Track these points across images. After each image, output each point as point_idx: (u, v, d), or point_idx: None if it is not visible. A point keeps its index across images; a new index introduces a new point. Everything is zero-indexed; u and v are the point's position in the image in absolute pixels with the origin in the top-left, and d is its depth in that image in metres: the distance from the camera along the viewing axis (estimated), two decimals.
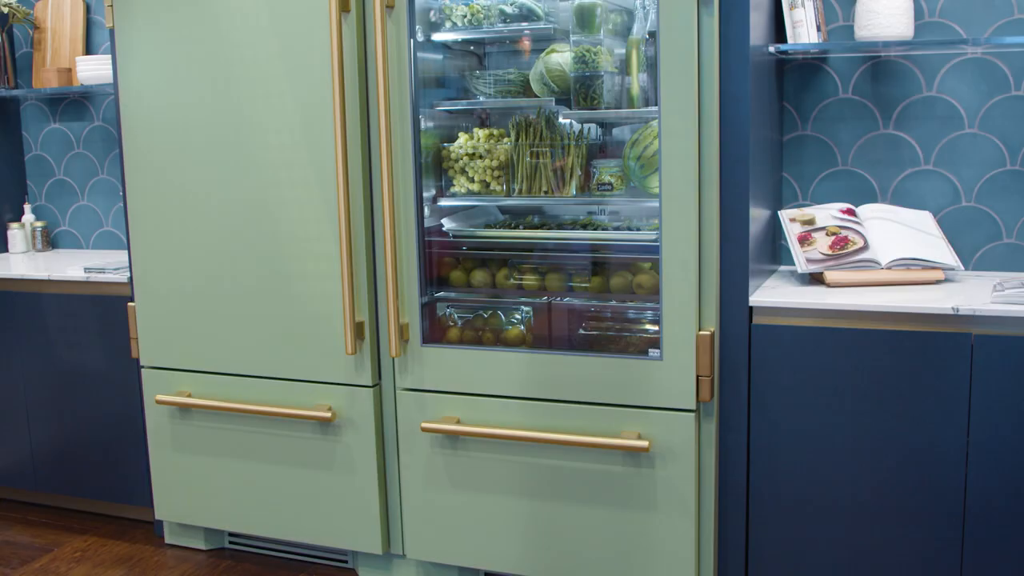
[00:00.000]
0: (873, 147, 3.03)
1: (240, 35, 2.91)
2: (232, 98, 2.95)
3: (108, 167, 4.07)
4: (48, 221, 4.21)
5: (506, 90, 2.96)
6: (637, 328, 2.92)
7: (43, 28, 4.03)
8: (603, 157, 2.94)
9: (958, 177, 2.97)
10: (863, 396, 2.53)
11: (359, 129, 2.80)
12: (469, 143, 2.97)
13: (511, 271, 3.01)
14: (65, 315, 3.49)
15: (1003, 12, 2.87)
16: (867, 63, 3.01)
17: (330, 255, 2.87)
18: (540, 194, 2.90)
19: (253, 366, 3.05)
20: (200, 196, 3.03)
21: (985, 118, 2.92)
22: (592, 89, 2.80)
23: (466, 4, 2.90)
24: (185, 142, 3.03)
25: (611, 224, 2.98)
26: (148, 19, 3.02)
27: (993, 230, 2.95)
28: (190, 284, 3.09)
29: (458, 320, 3.06)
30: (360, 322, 2.87)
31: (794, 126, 3.09)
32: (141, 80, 3.07)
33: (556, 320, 2.98)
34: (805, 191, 3.11)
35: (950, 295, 2.59)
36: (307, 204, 2.89)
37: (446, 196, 3.01)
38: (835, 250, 2.78)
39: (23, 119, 4.22)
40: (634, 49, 2.78)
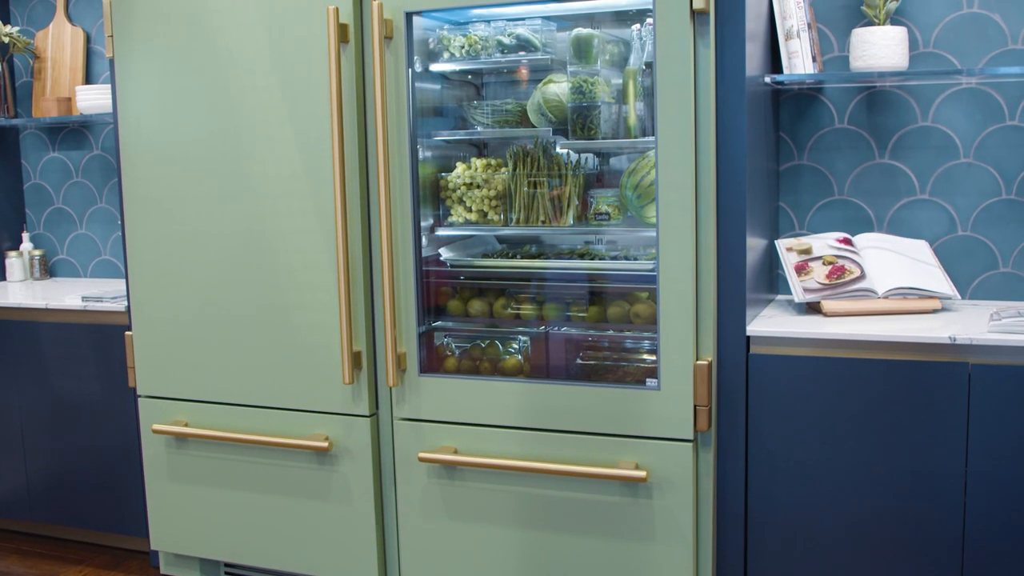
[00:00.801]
0: (869, 177, 3.04)
1: (239, 65, 2.92)
2: (231, 128, 2.96)
3: (107, 196, 4.08)
4: (46, 249, 4.21)
5: (504, 120, 2.98)
6: (634, 358, 2.92)
7: (43, 58, 4.05)
8: (600, 187, 2.95)
9: (954, 206, 2.98)
10: (861, 425, 2.53)
11: (357, 159, 2.81)
12: (467, 173, 2.98)
13: (508, 300, 3.01)
14: (62, 344, 3.48)
15: (997, 43, 2.89)
16: (862, 93, 3.02)
17: (328, 285, 2.87)
18: (538, 224, 2.91)
19: (250, 395, 3.04)
20: (198, 225, 3.04)
21: (980, 148, 2.94)
22: (589, 119, 2.81)
23: (464, 35, 2.92)
24: (184, 171, 3.04)
25: (608, 253, 2.98)
26: (148, 49, 3.04)
27: (989, 259, 2.96)
28: (188, 313, 3.09)
29: (455, 350, 3.06)
30: (357, 352, 2.87)
31: (790, 156, 3.10)
32: (140, 110, 3.08)
33: (553, 350, 2.98)
34: (802, 220, 3.11)
35: (947, 324, 2.59)
36: (305, 234, 2.89)
37: (444, 226, 3.02)
38: (832, 279, 2.79)
39: (22, 148, 4.23)
40: (631, 80, 2.79)
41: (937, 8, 2.93)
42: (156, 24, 3.01)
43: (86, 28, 4.01)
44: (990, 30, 2.89)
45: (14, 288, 3.93)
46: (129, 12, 3.05)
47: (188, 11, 2.97)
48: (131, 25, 3.05)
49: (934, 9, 2.93)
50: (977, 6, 2.90)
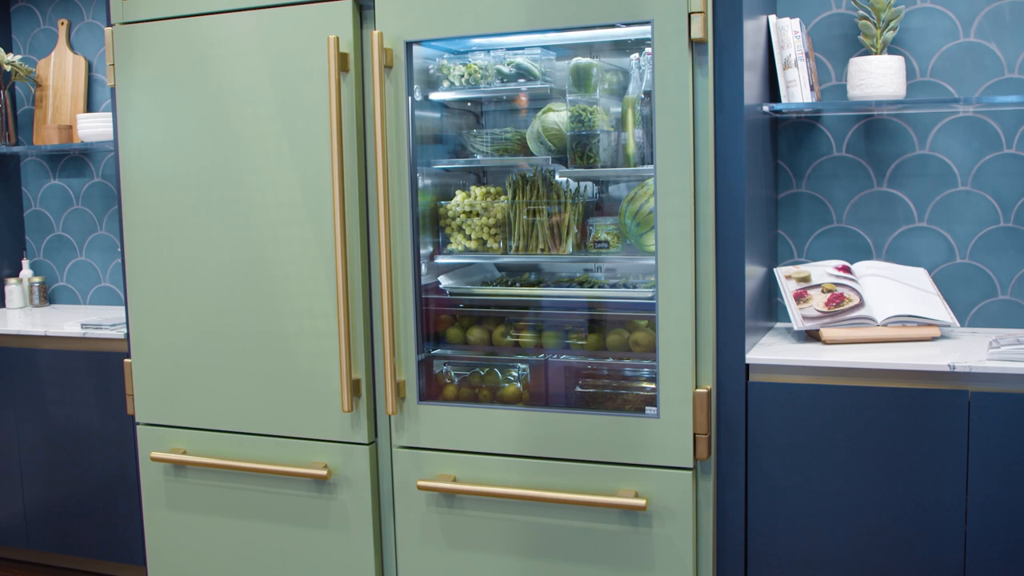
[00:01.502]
0: (867, 204, 3.05)
1: (240, 93, 2.94)
2: (231, 155, 2.97)
3: (107, 223, 4.09)
4: (46, 276, 4.22)
5: (503, 148, 2.99)
6: (634, 386, 2.92)
7: (45, 86, 4.07)
8: (599, 215, 2.96)
9: (952, 234, 2.98)
10: (861, 454, 2.53)
11: (357, 187, 2.82)
12: (466, 201, 2.99)
13: (508, 328, 3.01)
14: (61, 371, 3.48)
15: (993, 72, 2.91)
16: (860, 122, 3.04)
17: (327, 313, 2.87)
18: (537, 252, 2.92)
19: (249, 423, 3.04)
20: (198, 253, 3.04)
21: (978, 175, 2.95)
22: (588, 148, 2.82)
23: (464, 64, 2.93)
24: (184, 199, 3.04)
25: (607, 281, 2.99)
26: (149, 78, 3.05)
27: (988, 287, 2.97)
28: (187, 341, 3.09)
29: (455, 377, 3.06)
30: (356, 379, 2.87)
31: (789, 184, 3.11)
32: (141, 137, 3.09)
33: (553, 378, 2.98)
34: (800, 248, 3.12)
35: (946, 352, 2.60)
36: (304, 262, 2.90)
37: (443, 253, 3.02)
38: (831, 307, 2.79)
39: (23, 175, 4.24)
40: (630, 108, 2.81)
41: (934, 37, 2.95)
42: (157, 53, 3.03)
43: (88, 57, 4.04)
44: (987, 59, 2.91)
45: (13, 315, 3.93)
46: (131, 41, 3.06)
47: (189, 40, 2.98)
48: (133, 54, 3.06)
49: (931, 38, 2.95)
50: (974, 35, 2.92)
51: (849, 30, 3.00)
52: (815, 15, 3.05)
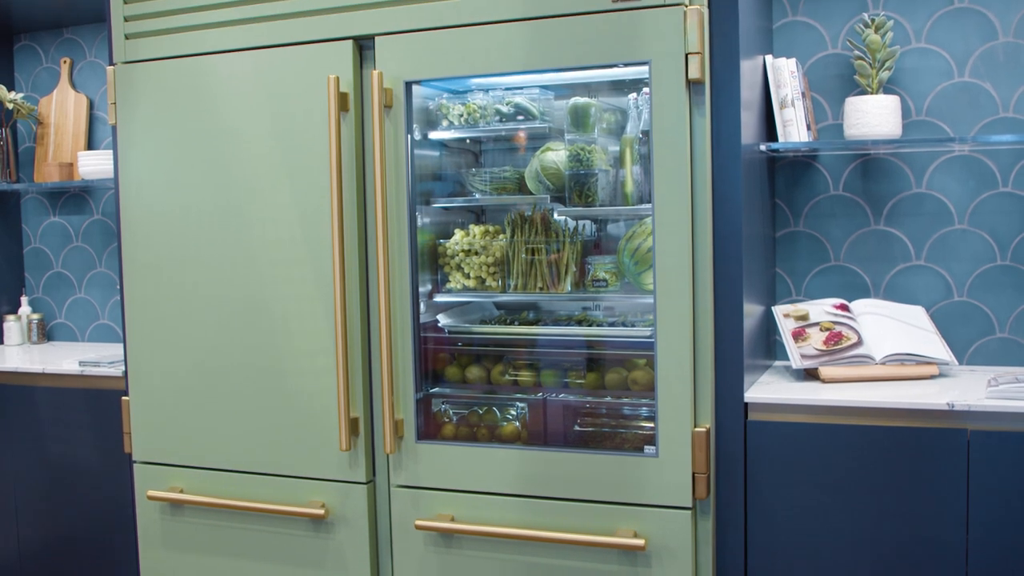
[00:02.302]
0: (865, 243, 3.06)
1: (240, 132, 2.95)
2: (231, 194, 2.98)
3: (106, 260, 4.10)
4: (44, 313, 4.22)
5: (502, 187, 3.00)
6: (633, 424, 2.92)
7: (46, 123, 4.09)
8: (598, 253, 2.97)
9: (949, 272, 2.99)
10: (860, 493, 2.52)
11: (356, 225, 2.83)
12: (465, 239, 3.00)
13: (506, 367, 3.01)
14: (58, 409, 3.47)
15: (988, 111, 2.93)
16: (857, 160, 3.06)
17: (326, 350, 2.87)
18: (535, 290, 2.92)
19: (246, 462, 3.03)
20: (197, 291, 3.05)
21: (974, 214, 2.96)
22: (587, 187, 2.84)
23: (463, 103, 2.95)
24: (183, 237, 3.05)
25: (606, 320, 2.99)
26: (150, 116, 3.07)
27: (986, 325, 2.97)
28: (185, 378, 3.09)
29: (453, 416, 3.05)
30: (355, 418, 2.86)
31: (786, 222, 3.12)
32: (141, 175, 3.10)
33: (551, 416, 2.98)
34: (798, 287, 3.13)
35: (945, 390, 2.60)
36: (303, 299, 2.90)
37: (442, 292, 3.03)
38: (829, 346, 2.79)
39: (23, 212, 4.26)
40: (628, 148, 2.82)
41: (929, 77, 2.97)
42: (158, 92, 3.05)
43: (89, 95, 4.06)
44: (981, 99, 2.93)
45: (11, 352, 3.92)
46: (132, 80, 3.09)
47: (190, 79, 3.01)
48: (134, 93, 3.09)
49: (926, 78, 2.97)
50: (968, 75, 2.94)
51: (845, 70, 3.03)
52: (811, 55, 3.08)
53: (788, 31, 3.09)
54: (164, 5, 3.03)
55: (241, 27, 2.94)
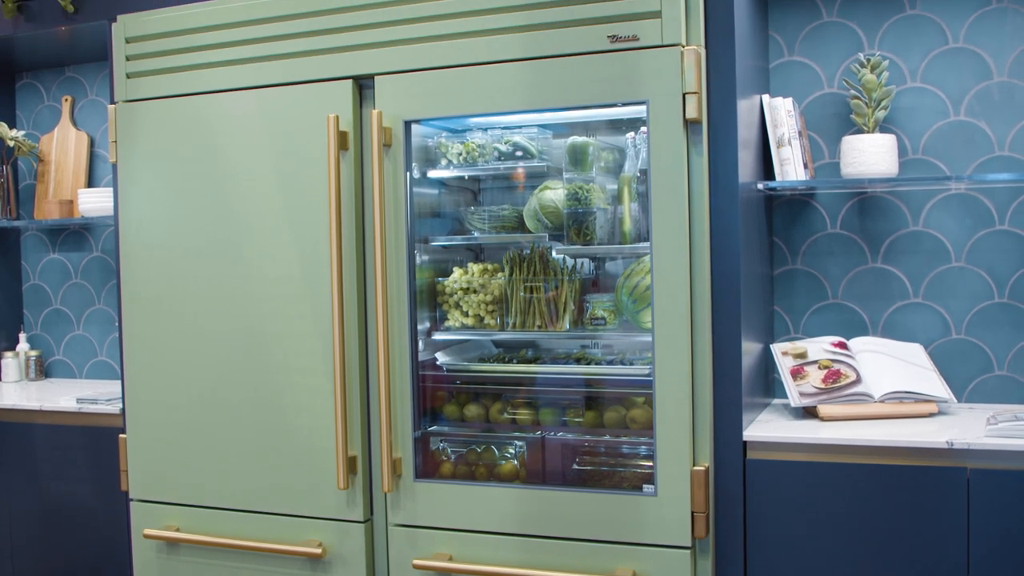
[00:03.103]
0: (862, 281, 3.07)
1: (240, 170, 2.97)
2: (230, 231, 2.99)
3: (105, 297, 4.10)
4: (42, 350, 4.21)
5: (500, 226, 3.01)
6: (631, 463, 2.91)
7: (47, 161, 4.11)
8: (596, 291, 2.97)
9: (947, 310, 3.00)
10: (860, 531, 2.51)
11: (355, 263, 2.84)
12: (464, 278, 3.00)
13: (505, 405, 3.01)
14: (55, 446, 3.46)
15: (984, 149, 2.95)
16: (854, 199, 3.07)
17: (324, 388, 2.87)
18: (534, 328, 2.92)
19: (243, 500, 3.01)
20: (195, 328, 3.05)
21: (971, 252, 2.97)
22: (585, 225, 2.85)
23: (462, 142, 2.97)
24: (183, 274, 3.06)
25: (604, 358, 2.99)
26: (150, 154, 3.09)
27: (984, 362, 2.97)
28: (182, 416, 3.08)
29: (451, 454, 3.04)
30: (352, 456, 2.85)
31: (784, 260, 3.13)
32: (141, 213, 3.11)
33: (550, 455, 2.97)
34: (797, 324, 3.13)
35: (944, 428, 2.59)
36: (302, 337, 2.90)
37: (440, 330, 3.03)
38: (828, 384, 2.79)
39: (23, 249, 4.26)
40: (626, 186, 2.84)
41: (925, 116, 2.99)
42: (159, 130, 3.07)
43: (90, 132, 4.08)
44: (977, 137, 2.95)
45: (8, 389, 3.92)
46: (133, 119, 3.11)
47: (191, 118, 3.02)
48: (135, 131, 3.10)
49: (922, 117, 2.99)
50: (964, 114, 2.96)
51: (841, 109, 3.05)
52: (808, 94, 3.10)
53: (785, 71, 3.12)
54: (165, 45, 3.06)
55: (241, 66, 2.96)
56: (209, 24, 3.00)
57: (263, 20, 2.93)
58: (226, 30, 2.98)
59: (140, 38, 3.10)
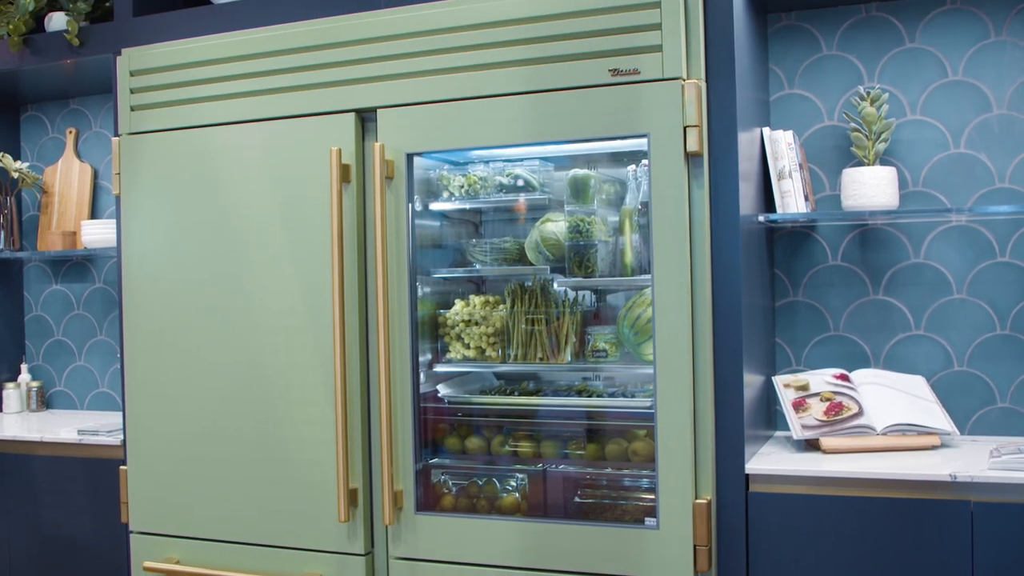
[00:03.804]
0: (864, 313, 3.07)
1: (243, 202, 2.98)
2: (233, 263, 3.00)
3: (107, 329, 4.10)
4: (44, 381, 4.21)
5: (502, 258, 3.02)
6: (633, 496, 2.90)
7: (51, 192, 4.13)
8: (597, 323, 2.97)
9: (949, 342, 2.99)
10: (863, 566, 2.49)
11: (357, 295, 2.84)
12: (465, 310, 3.00)
13: (506, 438, 3.00)
14: (56, 478, 3.45)
15: (984, 182, 2.96)
16: (855, 231, 3.07)
17: (325, 420, 2.87)
18: (535, 360, 2.92)
19: (244, 532, 3.00)
20: (197, 360, 3.05)
21: (973, 284, 2.97)
22: (586, 257, 2.85)
23: (464, 175, 2.98)
24: (185, 306, 3.06)
25: (606, 390, 2.98)
26: (153, 186, 3.10)
27: (987, 395, 2.96)
28: (183, 448, 3.08)
29: (452, 487, 3.03)
30: (353, 489, 2.84)
31: (785, 292, 3.13)
32: (144, 244, 3.12)
33: (551, 488, 2.95)
34: (798, 356, 3.13)
35: (947, 461, 2.58)
36: (304, 369, 2.90)
37: (442, 362, 3.03)
38: (830, 416, 2.78)
39: (26, 280, 4.27)
40: (627, 219, 2.84)
41: (925, 149, 3.00)
42: (162, 162, 3.08)
43: (94, 164, 4.10)
44: (977, 169, 2.96)
45: (9, 420, 3.91)
46: (137, 151, 3.12)
47: (194, 150, 3.04)
48: (138, 163, 3.12)
49: (922, 150, 3.01)
50: (964, 147, 2.97)
51: (842, 141, 3.06)
52: (808, 127, 3.11)
53: (785, 104, 3.13)
54: (169, 78, 3.08)
55: (244, 100, 2.98)
56: (212, 58, 3.02)
57: (266, 54, 2.95)
58: (229, 64, 3.00)
59: (144, 71, 3.12)
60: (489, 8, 2.71)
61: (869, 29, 3.05)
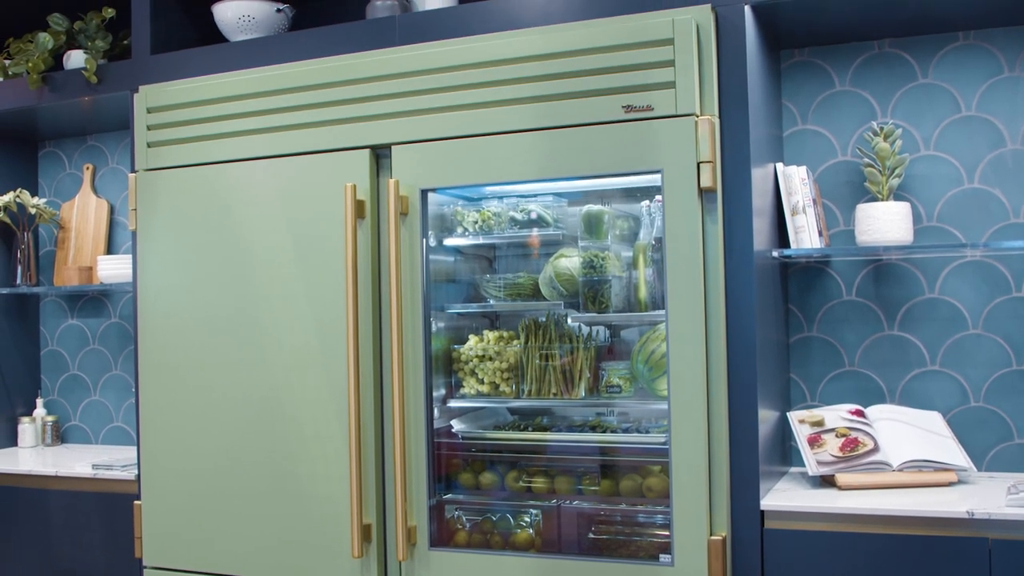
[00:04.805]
0: (879, 348, 3.05)
1: (258, 237, 3.00)
2: (248, 298, 3.01)
3: (122, 363, 4.12)
4: (59, 415, 4.22)
5: (516, 293, 3.02)
6: (648, 532, 2.88)
7: (68, 228, 4.16)
8: (611, 358, 2.97)
9: (965, 377, 2.98)
10: None
11: (371, 331, 2.85)
12: (479, 345, 3.01)
13: (520, 473, 2.99)
14: (70, 512, 3.45)
15: (999, 217, 2.95)
16: (869, 266, 3.07)
17: (339, 455, 2.86)
18: (549, 396, 2.92)
19: (258, 568, 2.99)
20: (212, 394, 3.06)
21: (988, 319, 2.96)
22: (600, 293, 2.86)
23: (477, 210, 3.00)
24: (200, 341, 3.08)
25: (620, 426, 2.98)
26: (169, 222, 3.13)
27: (1004, 431, 2.94)
28: (198, 483, 3.08)
29: (467, 522, 3.02)
30: (367, 524, 2.84)
31: (800, 328, 3.13)
32: (159, 280, 3.14)
33: (565, 523, 2.94)
34: (813, 392, 3.12)
35: (964, 498, 2.56)
36: (318, 404, 2.90)
37: (456, 397, 3.03)
38: (845, 452, 2.77)
39: (42, 315, 4.29)
40: (641, 254, 2.85)
41: (939, 184, 3.00)
42: (178, 198, 3.11)
43: (111, 200, 4.13)
44: (992, 205, 2.96)
45: (25, 454, 3.92)
46: (153, 187, 3.15)
47: (210, 186, 3.07)
48: (154, 199, 3.15)
49: (936, 185, 3.01)
50: (978, 182, 2.97)
51: (855, 177, 3.07)
52: (821, 163, 3.12)
53: (798, 139, 3.14)
54: (186, 115, 3.11)
55: (260, 136, 3.01)
56: (228, 95, 3.05)
57: (281, 91, 2.98)
58: (245, 101, 3.03)
59: (161, 108, 3.16)
60: (503, 45, 2.74)
61: (882, 65, 3.06)
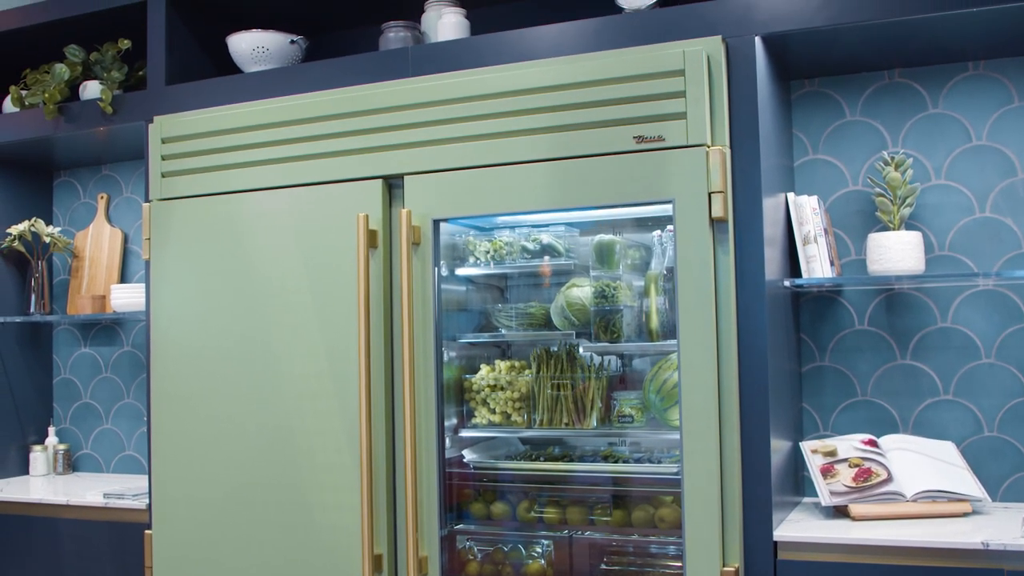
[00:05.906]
0: (892, 378, 3.04)
1: (270, 267, 3.01)
2: (260, 328, 3.02)
3: (134, 392, 4.13)
4: (71, 444, 4.23)
5: (527, 323, 3.03)
6: (660, 563, 2.87)
7: (82, 256, 4.18)
8: (623, 388, 2.97)
9: (978, 407, 2.97)
10: None
11: (383, 360, 2.85)
12: (491, 375, 3.01)
13: (531, 503, 2.98)
14: (81, 541, 3.45)
15: (1011, 246, 2.95)
16: (881, 295, 3.07)
17: (350, 486, 2.86)
18: (561, 426, 2.92)
19: None
20: (224, 424, 3.06)
21: (1001, 348, 2.95)
22: (612, 323, 2.86)
23: (489, 240, 3.00)
24: (212, 370, 3.08)
25: (632, 456, 2.97)
26: (183, 251, 3.14)
27: (1018, 460, 2.93)
28: (209, 512, 3.07)
29: (478, 553, 3.01)
30: (378, 555, 2.83)
31: (812, 357, 3.12)
32: (172, 309, 3.16)
33: (577, 554, 2.93)
34: (826, 422, 3.10)
35: (979, 528, 2.55)
36: (329, 434, 2.91)
37: (467, 427, 3.02)
38: (859, 482, 2.75)
39: (55, 343, 4.31)
40: (652, 284, 2.85)
41: (950, 213, 3.00)
42: (191, 228, 3.13)
43: (124, 229, 4.16)
44: (1003, 234, 2.95)
45: (36, 483, 3.92)
46: (167, 217, 3.17)
47: (223, 216, 3.08)
48: (168, 229, 3.16)
49: (947, 214, 3.01)
50: (989, 211, 2.97)
51: (866, 206, 3.07)
52: (832, 192, 3.12)
53: (809, 169, 3.15)
54: (199, 145, 3.14)
55: (273, 166, 3.03)
56: (242, 125, 3.07)
57: (294, 122, 3.00)
58: (258, 131, 3.05)
59: (175, 138, 3.18)
60: (515, 77, 2.76)
61: (892, 95, 3.07)
